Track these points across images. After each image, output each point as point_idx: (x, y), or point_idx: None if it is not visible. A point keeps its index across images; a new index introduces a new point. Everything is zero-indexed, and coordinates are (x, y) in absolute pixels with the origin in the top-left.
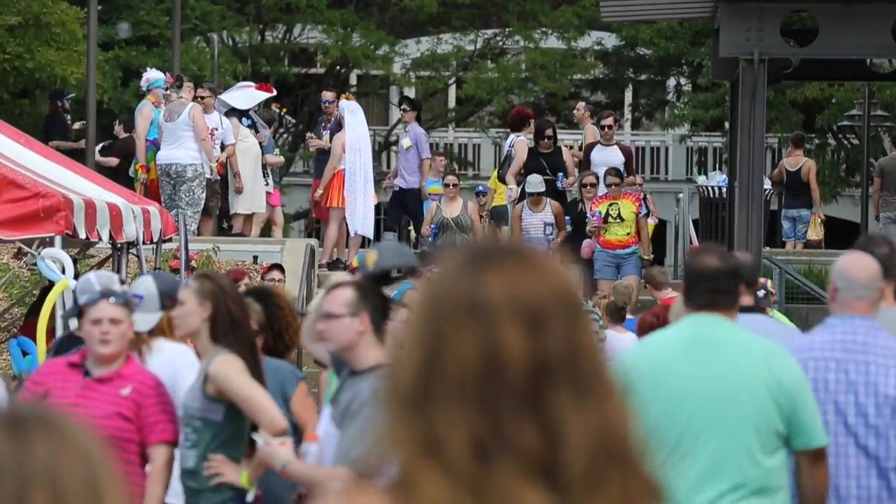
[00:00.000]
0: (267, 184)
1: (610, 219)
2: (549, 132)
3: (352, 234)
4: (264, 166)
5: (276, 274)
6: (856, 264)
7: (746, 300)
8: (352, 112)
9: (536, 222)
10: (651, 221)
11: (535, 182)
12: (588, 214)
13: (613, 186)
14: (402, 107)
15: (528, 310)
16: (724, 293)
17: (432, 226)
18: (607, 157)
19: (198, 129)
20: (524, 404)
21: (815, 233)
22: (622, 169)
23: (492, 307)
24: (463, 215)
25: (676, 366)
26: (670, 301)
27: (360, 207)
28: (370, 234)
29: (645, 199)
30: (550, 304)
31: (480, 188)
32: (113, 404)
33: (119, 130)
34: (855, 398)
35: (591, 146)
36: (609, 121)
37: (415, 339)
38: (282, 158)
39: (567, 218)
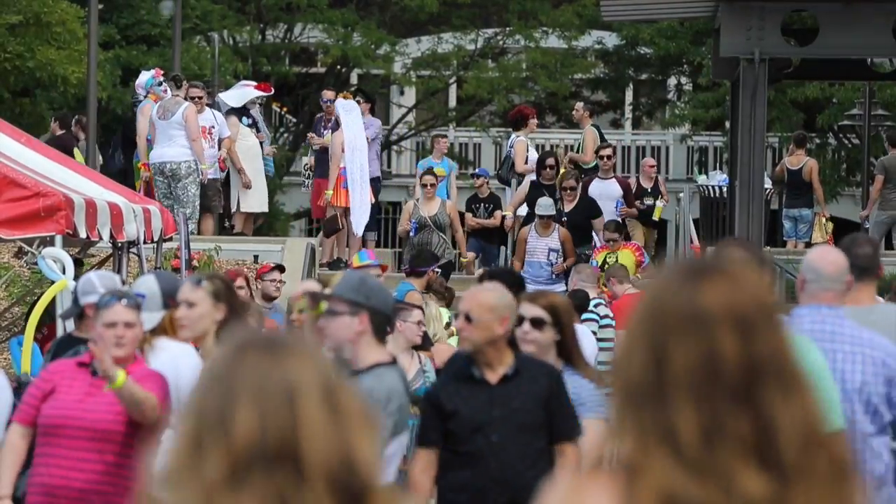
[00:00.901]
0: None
1: (607, 266)
2: (549, 162)
3: (357, 233)
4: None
5: (275, 274)
6: (824, 258)
7: None
8: (347, 111)
9: (542, 247)
10: (659, 204)
11: (546, 205)
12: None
13: (612, 242)
14: (356, 98)
15: (740, 318)
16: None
17: (413, 221)
18: (605, 190)
19: (190, 129)
20: (740, 399)
21: (821, 234)
22: (621, 201)
23: (710, 317)
24: (441, 214)
25: None
26: (629, 297)
27: (360, 207)
28: (360, 233)
29: (656, 182)
30: (757, 312)
31: (479, 170)
32: (117, 399)
33: (55, 128)
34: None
35: (588, 180)
36: (608, 151)
37: (640, 342)
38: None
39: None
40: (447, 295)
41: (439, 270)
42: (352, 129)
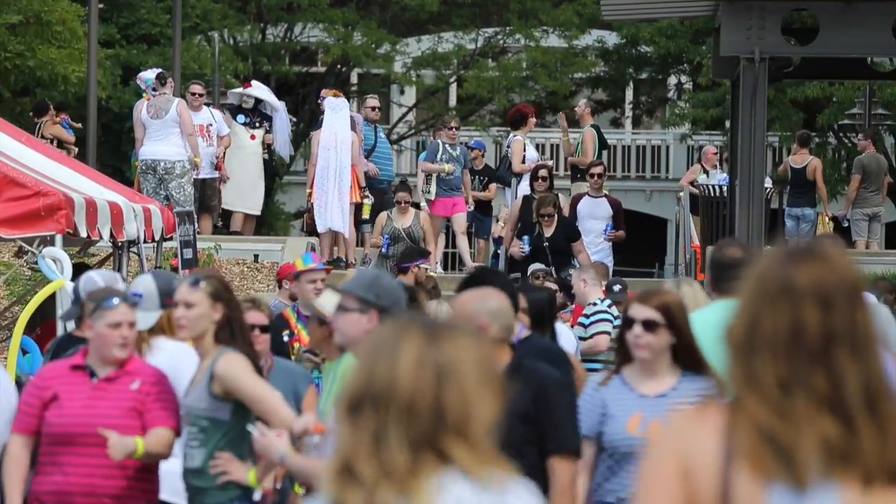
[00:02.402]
0: (427, 191)
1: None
2: (542, 173)
3: (321, 230)
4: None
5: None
6: None
7: None
8: (333, 109)
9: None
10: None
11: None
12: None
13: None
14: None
15: (822, 294)
16: None
17: (385, 236)
18: (595, 209)
19: (184, 124)
20: (816, 359)
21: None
22: (610, 222)
23: (798, 292)
24: (415, 226)
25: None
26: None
27: (332, 205)
28: (346, 231)
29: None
30: (838, 290)
31: (473, 143)
32: (126, 400)
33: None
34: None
35: (577, 197)
36: (598, 170)
37: (743, 308)
38: (445, 166)
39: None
40: (434, 292)
41: (427, 266)
42: (333, 126)
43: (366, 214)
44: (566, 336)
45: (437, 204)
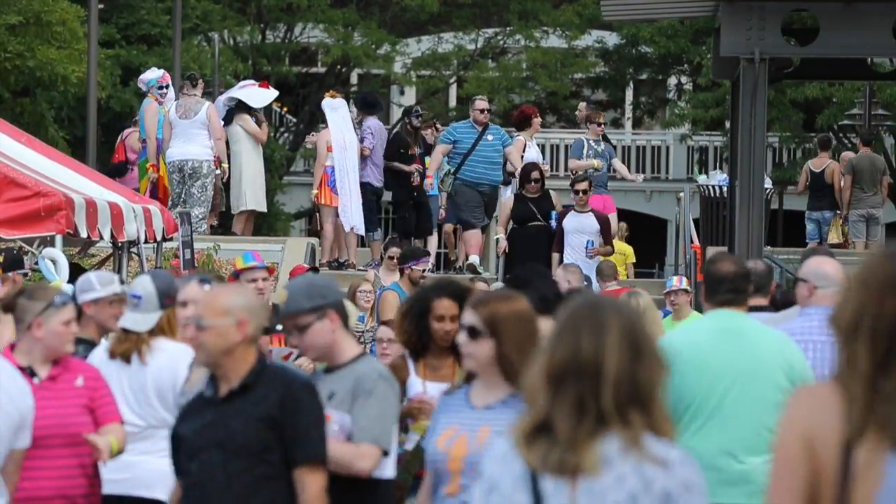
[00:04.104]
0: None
1: None
2: (535, 175)
3: (346, 230)
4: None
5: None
6: (826, 264)
7: (759, 301)
8: (333, 109)
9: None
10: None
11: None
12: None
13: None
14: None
15: None
16: (739, 292)
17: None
18: (581, 224)
19: (213, 128)
20: None
21: (837, 235)
22: (599, 238)
23: None
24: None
25: (711, 349)
26: (616, 292)
27: (353, 204)
28: (362, 230)
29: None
30: None
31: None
32: (74, 398)
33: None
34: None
35: (564, 212)
36: (583, 185)
37: (852, 298)
38: (594, 162)
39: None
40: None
41: (423, 268)
42: (339, 127)
43: None
44: None
45: (589, 201)
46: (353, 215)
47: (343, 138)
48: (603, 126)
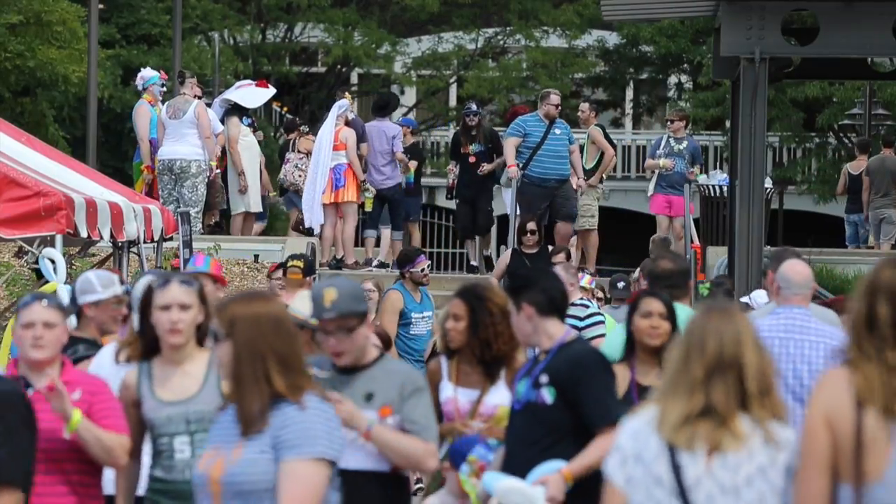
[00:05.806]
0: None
1: None
2: (531, 227)
3: (310, 225)
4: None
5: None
6: (794, 270)
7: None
8: (336, 108)
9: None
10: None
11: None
12: None
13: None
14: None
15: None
16: (678, 287)
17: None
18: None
19: (202, 126)
20: None
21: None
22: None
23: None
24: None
25: None
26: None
27: (315, 203)
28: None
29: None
30: None
31: (402, 120)
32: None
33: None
34: (793, 366)
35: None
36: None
37: (860, 300)
38: (661, 162)
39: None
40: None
41: (422, 268)
42: (324, 127)
43: (368, 207)
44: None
45: (653, 200)
46: (315, 214)
47: (321, 139)
48: (678, 123)
